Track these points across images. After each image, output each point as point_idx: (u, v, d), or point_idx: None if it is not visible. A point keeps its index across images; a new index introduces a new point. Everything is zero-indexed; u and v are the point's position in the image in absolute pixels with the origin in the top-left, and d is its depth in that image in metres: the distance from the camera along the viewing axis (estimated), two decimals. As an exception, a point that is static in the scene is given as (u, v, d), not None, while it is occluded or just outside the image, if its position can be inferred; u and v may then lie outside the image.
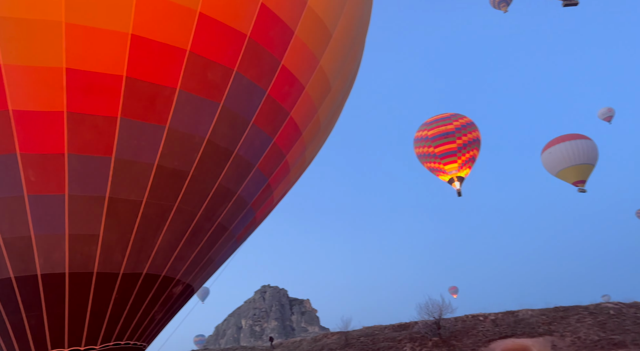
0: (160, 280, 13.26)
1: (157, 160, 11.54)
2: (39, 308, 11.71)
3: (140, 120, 10.98)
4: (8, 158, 10.32)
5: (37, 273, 11.46)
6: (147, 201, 11.84)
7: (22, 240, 11.10)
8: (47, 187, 10.75)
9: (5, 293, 11.64)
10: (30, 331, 11.89)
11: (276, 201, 17.39)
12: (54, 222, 11.07)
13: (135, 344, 13.39)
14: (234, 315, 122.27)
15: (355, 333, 37.88)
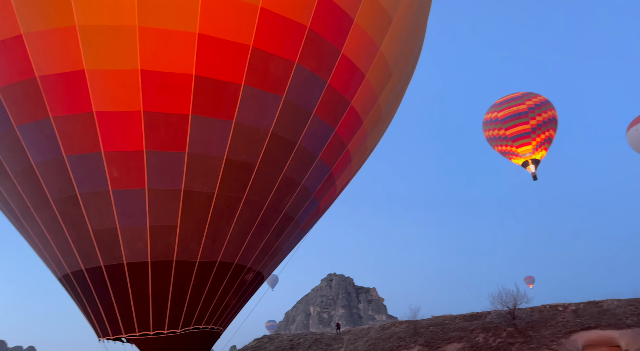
0: (233, 268, 13.89)
1: (226, 153, 12.04)
2: (127, 294, 12.74)
3: (209, 117, 11.51)
4: (94, 156, 11.26)
5: (123, 262, 12.45)
6: (218, 193, 12.41)
7: (109, 231, 12.11)
8: (128, 182, 11.61)
9: (97, 280, 12.79)
10: (120, 315, 12.99)
11: (339, 190, 17.50)
12: (136, 214, 11.95)
13: (213, 328, 14.19)
14: (302, 302, 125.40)
15: (424, 323, 37.36)
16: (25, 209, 12.65)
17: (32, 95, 10.70)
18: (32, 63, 10.45)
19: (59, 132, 11.02)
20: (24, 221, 13.20)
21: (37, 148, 11.39)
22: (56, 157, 11.30)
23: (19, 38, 10.29)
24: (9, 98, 10.88)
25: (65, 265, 13.17)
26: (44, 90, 10.67)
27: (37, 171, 11.60)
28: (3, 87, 10.79)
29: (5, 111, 11.01)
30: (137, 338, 12.99)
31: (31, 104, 10.84)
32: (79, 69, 10.47)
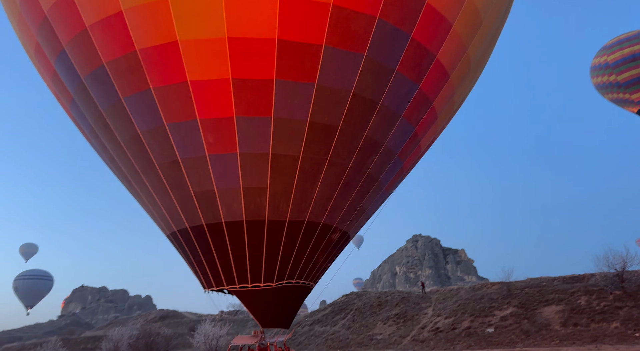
0: (320, 227, 14.39)
1: (309, 116, 12.25)
2: (226, 250, 13.86)
3: (292, 80, 11.71)
4: (191, 123, 12.11)
5: (222, 221, 13.48)
6: (303, 156, 12.76)
7: (208, 193, 13.11)
8: (222, 147, 12.38)
9: (200, 237, 14.04)
10: (221, 269, 14.21)
11: (424, 149, 17.03)
12: (231, 177, 12.77)
13: (304, 283, 15.00)
14: (388, 262, 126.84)
15: (518, 284, 35.96)
16: (135, 174, 14.10)
17: (135, 67, 11.66)
18: (132, 37, 11.33)
19: (159, 102, 11.97)
20: (135, 184, 14.75)
21: (141, 118, 12.49)
22: (158, 126, 12.34)
23: (119, 14, 11.17)
24: (116, 71, 11.97)
25: (172, 224, 14.61)
26: (144, 63, 11.57)
27: (143, 138, 12.78)
28: (109, 62, 11.88)
29: (113, 84, 12.15)
30: (237, 289, 14.18)
31: (134, 76, 11.83)
32: (173, 40, 11.17)
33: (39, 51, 13.64)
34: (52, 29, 12.35)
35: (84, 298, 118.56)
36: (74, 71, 12.74)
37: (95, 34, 11.63)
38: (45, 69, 14.13)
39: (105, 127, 13.41)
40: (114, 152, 14.16)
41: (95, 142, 15.19)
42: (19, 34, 14.53)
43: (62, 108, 15.92)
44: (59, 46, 12.54)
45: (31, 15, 12.77)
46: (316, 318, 42.93)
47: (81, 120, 14.57)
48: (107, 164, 16.10)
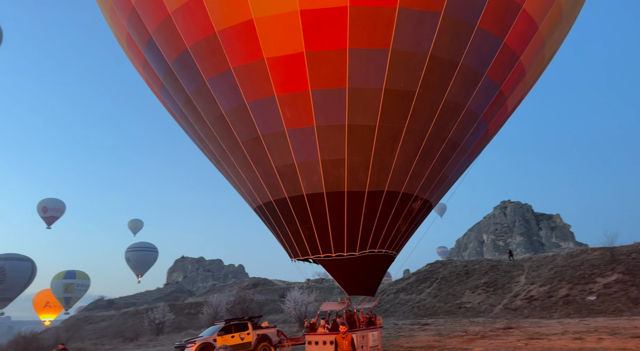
0: (400, 197, 14.20)
1: (385, 83, 11.92)
2: (309, 221, 14.26)
3: (366, 48, 11.43)
4: (269, 100, 12.40)
5: (303, 193, 13.84)
6: (380, 124, 12.53)
7: (289, 167, 13.47)
8: (299, 121, 12.56)
9: (284, 210, 14.56)
10: (306, 239, 14.68)
11: (511, 109, 15.86)
12: (309, 150, 12.98)
13: (387, 252, 15.03)
14: (474, 230, 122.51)
15: (623, 249, 32.88)
16: (222, 152, 14.88)
17: (215, 49, 12.11)
18: (211, 19, 11.72)
19: (239, 81, 12.38)
20: (222, 162, 15.58)
21: (224, 98, 13.04)
22: (240, 104, 12.80)
23: None
24: (198, 54, 12.53)
25: (258, 198, 15.30)
26: (223, 44, 11.97)
27: (227, 118, 13.37)
28: (192, 46, 12.45)
29: (197, 67, 12.76)
30: (321, 259, 14.61)
31: (215, 58, 12.31)
32: (249, 19, 11.37)
33: (130, 41, 14.66)
34: (139, 18, 13.17)
35: (185, 267, 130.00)
36: (162, 58, 13.55)
37: (178, 20, 12.20)
38: (136, 57, 15.20)
39: (193, 109, 14.21)
40: (202, 132, 15.01)
41: (184, 124, 16.20)
42: (112, 27, 15.70)
43: (153, 95, 17.10)
44: (146, 34, 13.37)
45: (121, 6, 13.70)
46: (401, 287, 43.08)
47: (171, 103, 15.56)
48: (196, 144, 17.15)
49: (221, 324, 18.59)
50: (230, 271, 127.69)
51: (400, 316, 36.17)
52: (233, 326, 18.23)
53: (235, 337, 17.77)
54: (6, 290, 59.11)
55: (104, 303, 72.98)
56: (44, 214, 69.85)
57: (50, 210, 70.15)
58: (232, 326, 18.21)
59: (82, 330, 46.50)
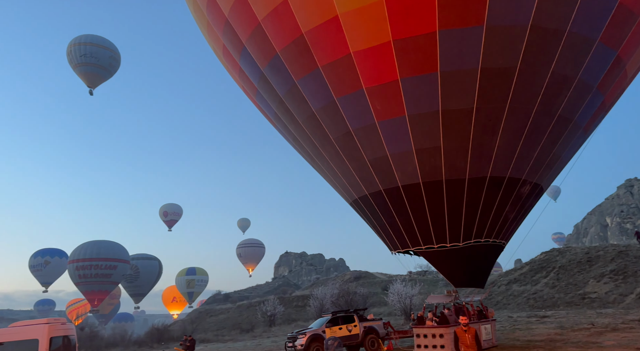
0: (505, 182, 13.30)
1: (480, 63, 11.22)
2: (407, 213, 13.99)
3: (457, 28, 10.85)
4: (358, 94, 12.39)
5: (398, 185, 13.61)
6: (477, 107, 11.83)
7: (382, 159, 13.34)
8: (390, 112, 12.36)
9: (380, 203, 14.47)
10: (405, 231, 14.43)
11: (631, 75, 13.96)
12: (402, 140, 12.71)
13: (494, 241, 14.18)
14: (594, 213, 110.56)
15: None
16: (315, 149, 15.23)
17: (303, 50, 12.41)
18: (298, 21, 12.03)
19: (327, 79, 12.55)
20: (316, 159, 15.95)
21: (314, 97, 13.33)
22: (329, 101, 12.98)
23: (285, 2, 11.95)
24: (288, 58, 12.95)
25: (353, 192, 15.40)
26: (311, 44, 12.22)
27: (318, 116, 13.64)
28: (282, 50, 12.90)
29: (287, 70, 13.20)
30: (423, 250, 14.26)
31: (304, 59, 12.62)
32: (334, 16, 11.46)
33: (226, 52, 15.66)
34: (233, 29, 13.99)
35: (289, 262, 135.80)
36: (255, 65, 14.26)
37: (267, 26, 12.73)
38: (232, 67, 16.19)
39: (286, 111, 14.75)
40: (295, 132, 15.51)
41: (279, 126, 16.89)
42: (209, 41, 16.89)
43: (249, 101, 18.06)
44: (240, 44, 14.17)
45: (216, 20, 14.66)
46: (513, 277, 40.42)
47: (266, 107, 16.33)
48: (291, 144, 17.78)
49: (328, 316, 19.07)
50: (331, 265, 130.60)
51: (515, 308, 33.96)
52: (340, 319, 18.61)
53: (342, 329, 18.13)
54: (140, 287, 66.97)
55: (221, 297, 79.26)
56: (165, 218, 77.72)
57: (171, 214, 77.85)
58: (339, 319, 18.60)
59: (204, 322, 50.95)
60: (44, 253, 65.79)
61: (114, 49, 50.00)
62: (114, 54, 49.86)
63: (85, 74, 47.90)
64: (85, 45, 47.40)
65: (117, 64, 50.53)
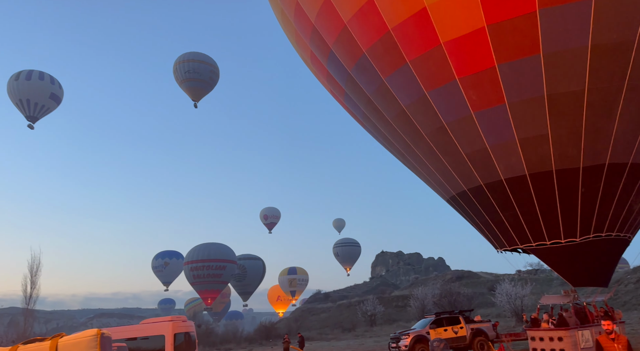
0: (627, 168, 11.86)
1: (590, 40, 10.14)
2: (512, 208, 13.10)
3: (560, 4, 9.93)
4: (450, 86, 11.90)
5: (501, 178, 12.80)
6: (589, 88, 10.70)
7: (481, 152, 12.65)
8: (487, 101, 11.68)
9: (481, 198, 13.72)
10: (511, 228, 13.53)
11: None
12: (503, 131, 11.94)
13: (618, 235, 12.70)
14: None
15: None
16: (406, 147, 14.93)
17: (390, 47, 12.26)
18: (384, 18, 11.90)
19: (417, 73, 12.25)
20: (408, 157, 15.63)
21: (403, 93, 13.09)
22: (420, 96, 12.66)
23: (370, 1, 11.89)
24: (375, 56, 12.89)
25: (449, 188, 14.82)
26: (398, 39, 12.04)
27: (408, 112, 13.37)
28: (368, 49, 12.87)
29: (374, 68, 13.14)
30: (533, 248, 13.24)
31: (391, 56, 12.47)
32: (421, 8, 11.16)
33: (314, 59, 16.07)
34: (319, 35, 14.31)
35: (386, 262, 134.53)
36: (342, 67, 14.43)
37: (353, 27, 12.81)
38: (320, 72, 16.55)
39: (375, 110, 14.69)
40: (385, 130, 15.37)
41: (368, 126, 16.87)
42: (298, 48, 17.46)
43: (332, 103, 18.31)
44: (327, 49, 14.44)
45: (303, 29, 15.12)
46: (642, 275, 35.76)
47: (354, 108, 16.41)
48: (381, 144, 17.66)
49: (431, 317, 18.58)
50: (430, 264, 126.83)
51: (647, 310, 30.08)
52: (444, 320, 18.03)
53: (448, 331, 17.53)
54: (247, 285, 71.21)
55: (321, 296, 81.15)
56: (266, 221, 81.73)
57: (270, 217, 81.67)
58: (444, 320, 18.03)
59: (307, 321, 52.59)
60: (163, 255, 73.08)
61: (213, 63, 53.88)
62: (214, 68, 53.72)
63: (190, 89, 52.24)
64: (188, 62, 51.72)
65: (217, 77, 54.36)
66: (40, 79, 44.51)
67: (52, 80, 45.48)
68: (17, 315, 57.22)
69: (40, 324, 72.51)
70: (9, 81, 44.05)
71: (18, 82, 43.51)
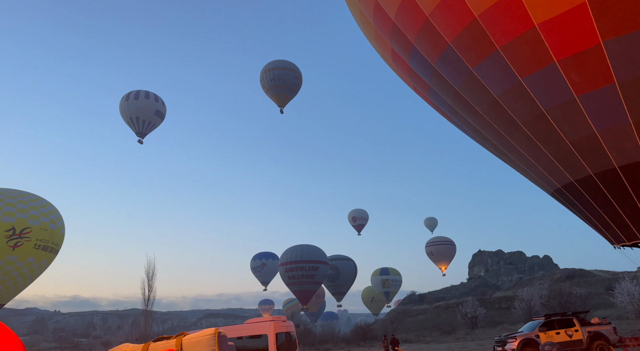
0: None
1: None
2: (630, 198, 11.76)
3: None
4: (548, 69, 10.99)
5: (614, 166, 11.55)
6: None
7: (588, 139, 11.52)
8: (593, 82, 10.61)
9: (591, 190, 12.48)
10: (630, 220, 12.15)
11: None
12: (614, 113, 10.77)
13: None
14: None
15: None
16: (500, 138, 14.08)
17: (477, 35, 11.62)
18: (469, 6, 11.32)
19: (509, 59, 11.50)
20: (503, 149, 14.72)
21: (494, 81, 12.38)
22: (514, 84, 11.87)
23: None
24: (461, 47, 12.32)
25: (553, 181, 13.68)
26: (485, 26, 11.40)
27: (501, 101, 12.61)
28: (453, 40, 12.34)
29: (461, 59, 12.59)
30: (659, 242, 11.77)
31: (479, 44, 11.84)
32: None
33: (395, 56, 15.87)
34: (400, 31, 14.09)
35: (484, 261, 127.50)
36: (425, 62, 14.05)
37: (436, 19, 12.40)
38: (402, 69, 16.29)
39: (463, 102, 14.08)
40: (475, 123, 14.65)
41: (457, 120, 16.21)
42: (378, 49, 17.37)
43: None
44: (408, 44, 14.16)
45: (383, 27, 15.00)
46: None
47: (440, 103, 15.89)
48: (472, 137, 16.86)
49: (540, 319, 17.31)
50: (535, 263, 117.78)
51: None
52: (555, 322, 16.66)
53: (560, 334, 16.16)
54: (341, 285, 72.04)
55: (416, 298, 79.34)
56: (354, 223, 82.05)
57: (359, 219, 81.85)
58: (554, 322, 16.67)
59: (403, 322, 51.76)
60: (260, 256, 76.83)
61: (296, 69, 55.73)
62: (297, 73, 55.55)
63: (276, 95, 54.52)
64: (273, 70, 54.06)
65: (300, 82, 56.11)
66: (146, 97, 49.53)
67: (156, 97, 50.44)
68: (138, 316, 63.93)
69: (157, 324, 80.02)
70: (121, 102, 49.63)
71: (128, 102, 48.80)
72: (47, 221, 30.09)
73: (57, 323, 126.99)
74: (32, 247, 28.54)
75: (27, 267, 28.95)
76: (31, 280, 30.18)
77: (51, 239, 30.09)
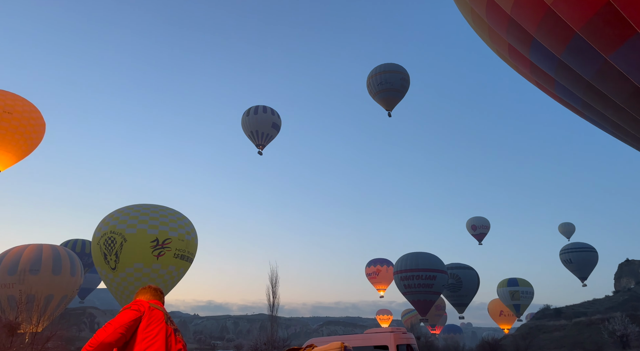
0: None
1: None
2: None
3: None
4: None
5: None
6: None
7: None
8: None
9: None
10: None
11: None
12: None
13: None
14: None
15: None
16: None
17: (611, 20, 10.29)
18: None
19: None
20: None
21: (637, 68, 10.84)
22: None
23: None
24: (591, 34, 10.98)
25: None
26: (621, 7, 10.02)
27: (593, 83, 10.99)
28: (582, 27, 11.08)
29: (592, 48, 11.22)
30: None
31: (614, 29, 10.48)
32: None
33: (512, 51, 14.74)
34: (518, 25, 13.08)
35: (634, 272, 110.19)
36: (549, 54, 12.82)
37: (560, 8, 11.26)
38: (521, 64, 15.06)
39: (597, 95, 12.56)
40: (614, 117, 13.01)
41: (590, 115, 14.54)
42: (492, 45, 16.30)
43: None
44: (528, 37, 13.05)
45: (498, 22, 14.07)
46: None
47: (569, 98, 14.38)
48: (610, 133, 15.10)
49: None
50: None
51: None
52: None
53: None
54: (463, 296, 68.22)
55: (551, 312, 71.54)
56: (474, 232, 77.39)
57: (479, 228, 77.05)
58: None
59: (537, 339, 47.18)
60: (375, 262, 76.85)
61: (404, 71, 55.06)
62: (404, 75, 54.86)
63: (384, 99, 54.47)
64: (380, 74, 54.21)
65: (407, 84, 55.27)
66: (264, 112, 53.94)
67: (273, 111, 54.67)
68: (265, 321, 68.14)
69: (282, 329, 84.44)
70: (242, 117, 55.10)
71: (249, 117, 53.58)
72: (183, 232, 33.97)
73: (197, 326, 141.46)
74: (172, 256, 32.43)
75: (168, 274, 32.90)
76: (172, 285, 34.23)
77: (187, 249, 33.86)
